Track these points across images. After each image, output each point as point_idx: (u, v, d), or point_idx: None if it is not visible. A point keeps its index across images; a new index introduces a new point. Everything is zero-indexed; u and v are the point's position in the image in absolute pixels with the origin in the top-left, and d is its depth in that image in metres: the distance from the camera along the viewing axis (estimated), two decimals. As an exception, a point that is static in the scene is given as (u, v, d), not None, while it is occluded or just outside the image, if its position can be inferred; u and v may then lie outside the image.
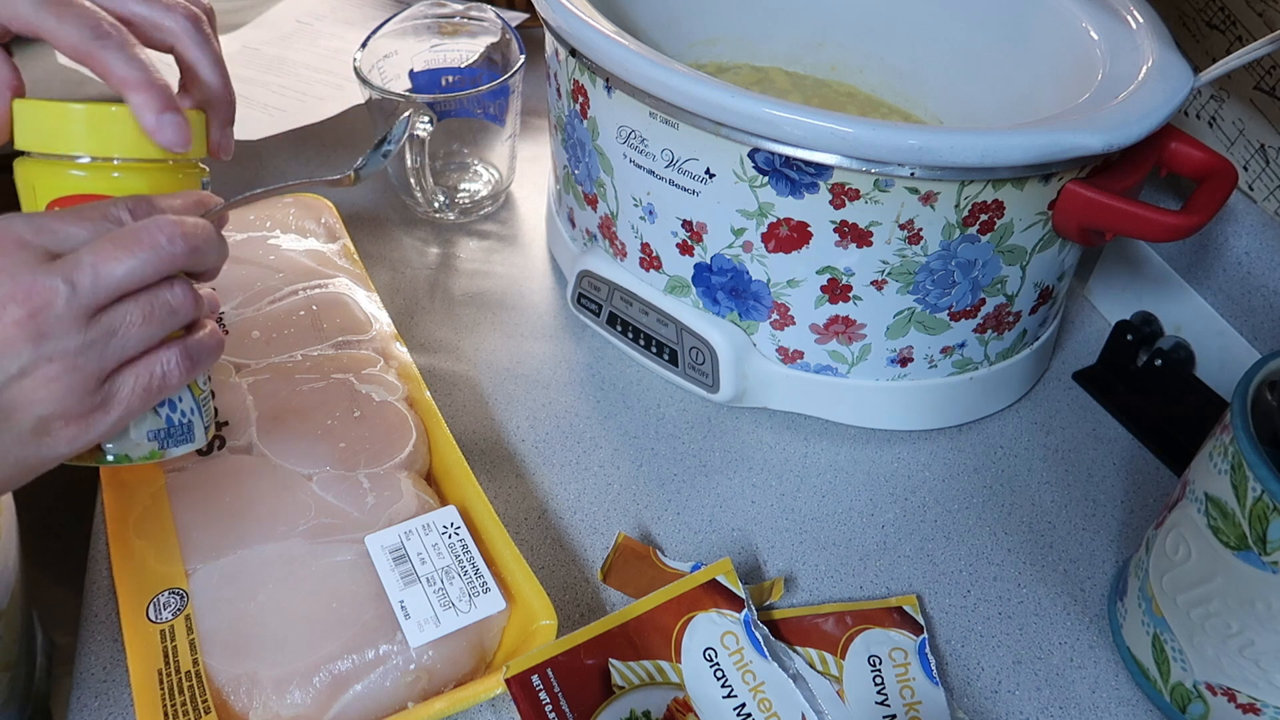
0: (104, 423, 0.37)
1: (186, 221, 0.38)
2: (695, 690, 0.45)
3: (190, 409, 0.43)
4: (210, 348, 0.41)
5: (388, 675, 0.43)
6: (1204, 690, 0.44)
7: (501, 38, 0.73)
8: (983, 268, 0.52)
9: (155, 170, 0.41)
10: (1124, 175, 0.51)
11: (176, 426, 0.43)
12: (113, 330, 0.36)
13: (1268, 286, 0.57)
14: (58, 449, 0.37)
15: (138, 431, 0.42)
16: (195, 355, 0.40)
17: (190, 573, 0.46)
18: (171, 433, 0.43)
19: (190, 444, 0.44)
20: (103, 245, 0.36)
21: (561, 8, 0.54)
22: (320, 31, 0.85)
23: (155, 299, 0.37)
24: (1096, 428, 0.62)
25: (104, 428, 0.37)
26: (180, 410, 0.43)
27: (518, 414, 0.60)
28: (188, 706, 0.41)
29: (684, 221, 0.55)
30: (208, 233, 0.39)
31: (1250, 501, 0.39)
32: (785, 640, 0.48)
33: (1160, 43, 0.53)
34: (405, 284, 0.69)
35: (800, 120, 0.47)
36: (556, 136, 0.63)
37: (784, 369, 0.58)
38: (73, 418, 0.36)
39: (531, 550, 0.53)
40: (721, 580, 0.47)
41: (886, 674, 0.47)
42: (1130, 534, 0.55)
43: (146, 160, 0.41)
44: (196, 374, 0.40)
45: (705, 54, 0.72)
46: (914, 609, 0.50)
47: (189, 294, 0.38)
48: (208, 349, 0.41)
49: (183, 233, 0.37)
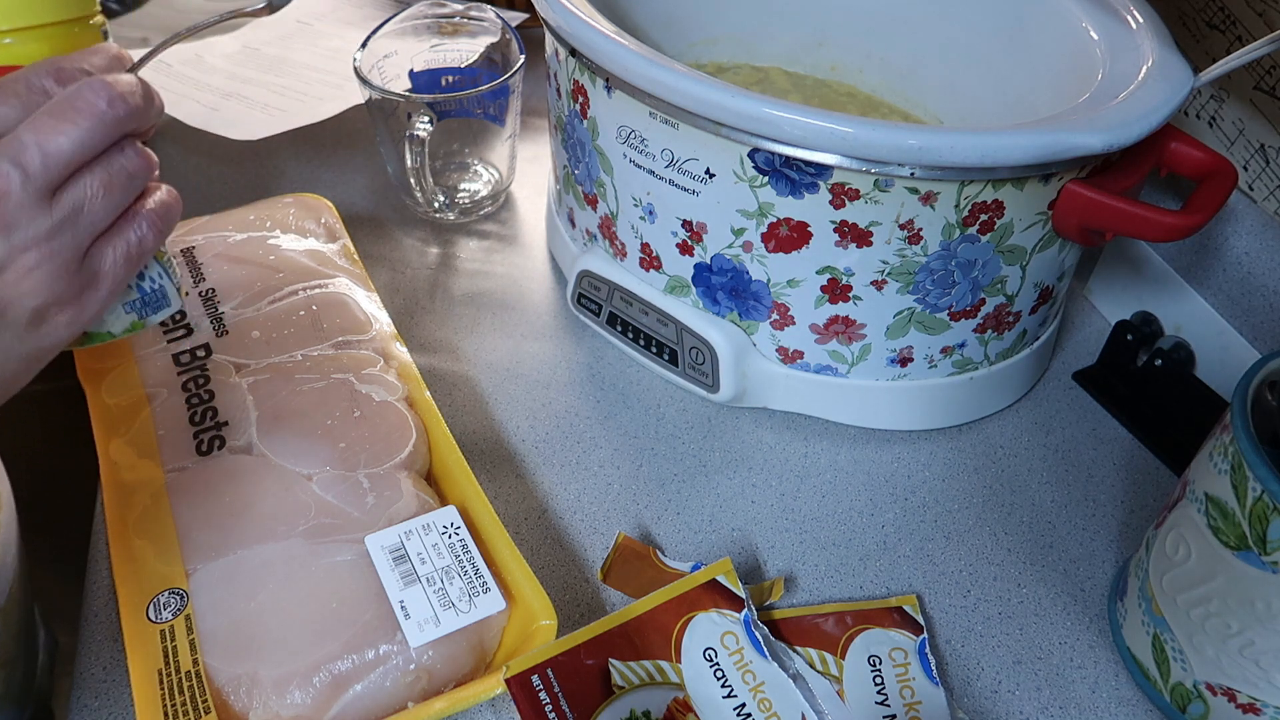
0: (96, 299, 0.37)
1: (120, 80, 0.36)
2: (695, 690, 0.45)
3: (159, 274, 0.43)
4: (173, 205, 0.40)
5: (388, 675, 0.43)
6: (1204, 690, 0.44)
7: (501, 38, 0.73)
8: (983, 268, 0.52)
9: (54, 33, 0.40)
10: (1124, 175, 0.51)
11: (150, 295, 0.43)
12: (78, 207, 0.35)
13: (1268, 286, 0.57)
14: (58, 335, 0.37)
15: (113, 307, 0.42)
16: (164, 215, 0.39)
17: (190, 573, 0.46)
18: (147, 301, 0.43)
19: (168, 308, 0.44)
20: (41, 121, 0.34)
21: (561, 8, 0.54)
22: (320, 31, 0.85)
23: (111, 166, 0.36)
24: (1096, 428, 0.62)
25: (97, 304, 0.37)
26: (149, 278, 0.43)
27: (518, 414, 0.60)
28: (188, 706, 0.41)
29: (684, 221, 0.55)
30: (142, 89, 0.37)
31: (1250, 501, 0.39)
32: (785, 640, 0.48)
33: (1160, 43, 0.53)
34: (405, 284, 0.69)
35: (800, 120, 0.47)
36: (556, 136, 0.63)
37: (784, 369, 0.58)
38: (66, 302, 0.36)
39: (531, 550, 0.53)
40: (721, 580, 0.47)
41: (886, 674, 0.47)
42: (1130, 534, 0.55)
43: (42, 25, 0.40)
44: (169, 233, 0.40)
45: (705, 54, 0.72)
46: (914, 609, 0.50)
47: (141, 155, 0.37)
48: (171, 206, 0.40)
49: (120, 94, 0.36)
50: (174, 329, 0.57)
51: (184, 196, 0.42)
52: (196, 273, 0.60)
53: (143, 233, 0.38)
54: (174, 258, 0.46)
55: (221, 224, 0.64)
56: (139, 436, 0.52)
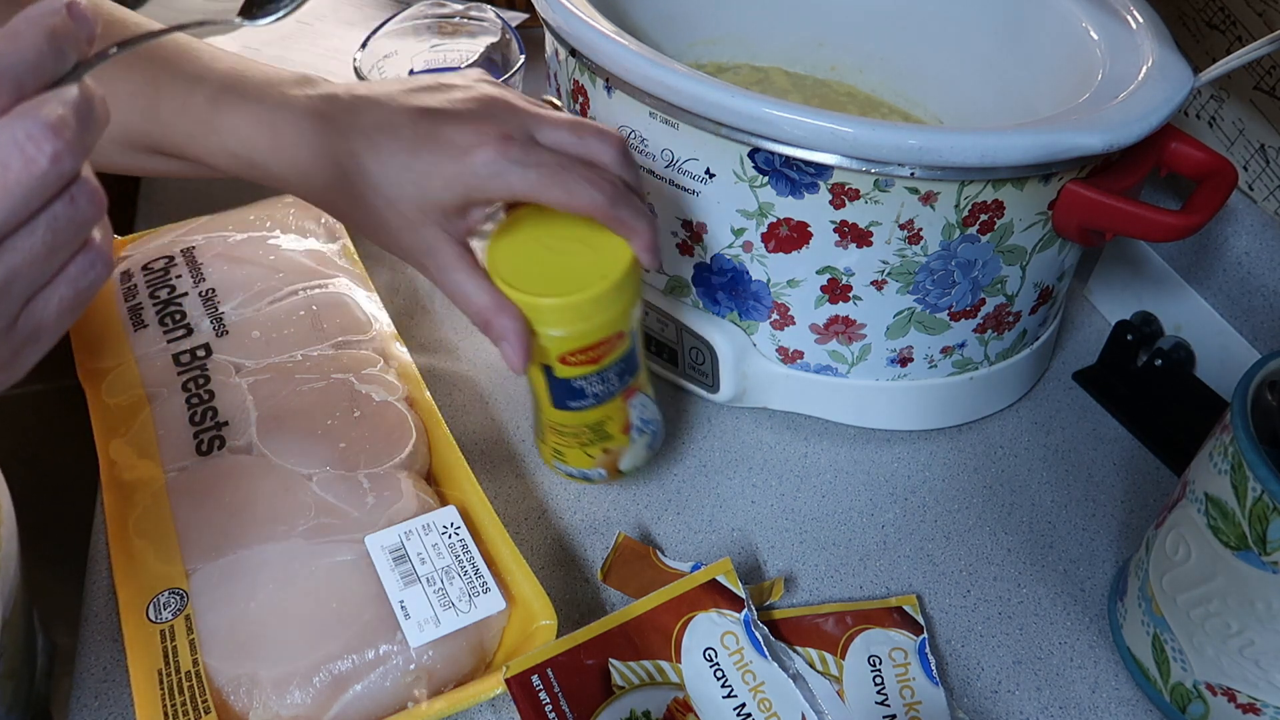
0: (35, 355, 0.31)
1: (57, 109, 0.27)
2: (695, 690, 0.45)
3: (651, 409, 0.51)
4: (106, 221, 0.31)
5: (388, 675, 0.43)
6: (1204, 690, 0.44)
7: (501, 38, 0.73)
8: (983, 268, 0.52)
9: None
10: (1124, 175, 0.51)
11: (656, 426, 0.52)
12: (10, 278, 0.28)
13: (1268, 286, 0.57)
14: None
15: (634, 450, 0.51)
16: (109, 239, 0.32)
17: (190, 573, 0.46)
18: (655, 433, 0.52)
19: (662, 428, 0.53)
20: None
21: (561, 8, 0.54)
22: (320, 31, 0.85)
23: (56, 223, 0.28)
24: (1096, 428, 0.62)
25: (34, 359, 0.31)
26: (650, 420, 0.51)
27: (518, 414, 0.60)
28: (188, 706, 0.41)
29: (684, 221, 0.55)
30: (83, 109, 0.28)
31: (1250, 501, 0.39)
32: (785, 640, 0.48)
33: (1160, 43, 0.53)
34: (405, 284, 0.69)
35: (800, 120, 0.47)
36: (556, 136, 0.63)
37: (784, 369, 0.58)
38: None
39: (531, 550, 0.53)
40: (721, 580, 0.47)
41: (886, 674, 0.47)
42: (1130, 534, 0.55)
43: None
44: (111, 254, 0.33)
45: (705, 54, 0.72)
46: (914, 609, 0.50)
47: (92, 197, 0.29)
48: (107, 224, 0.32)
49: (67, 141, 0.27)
50: (174, 329, 0.57)
51: (184, 196, 0.42)
52: (196, 273, 0.60)
53: (95, 274, 0.31)
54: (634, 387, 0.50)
55: (221, 224, 0.64)
56: (139, 436, 0.52)
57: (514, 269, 0.44)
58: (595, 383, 0.46)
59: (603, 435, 0.49)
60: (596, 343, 0.45)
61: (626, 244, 0.44)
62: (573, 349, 0.45)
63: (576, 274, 0.44)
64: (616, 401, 0.48)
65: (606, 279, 0.43)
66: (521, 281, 0.43)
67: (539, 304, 0.43)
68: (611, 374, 0.47)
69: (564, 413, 0.48)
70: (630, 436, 0.50)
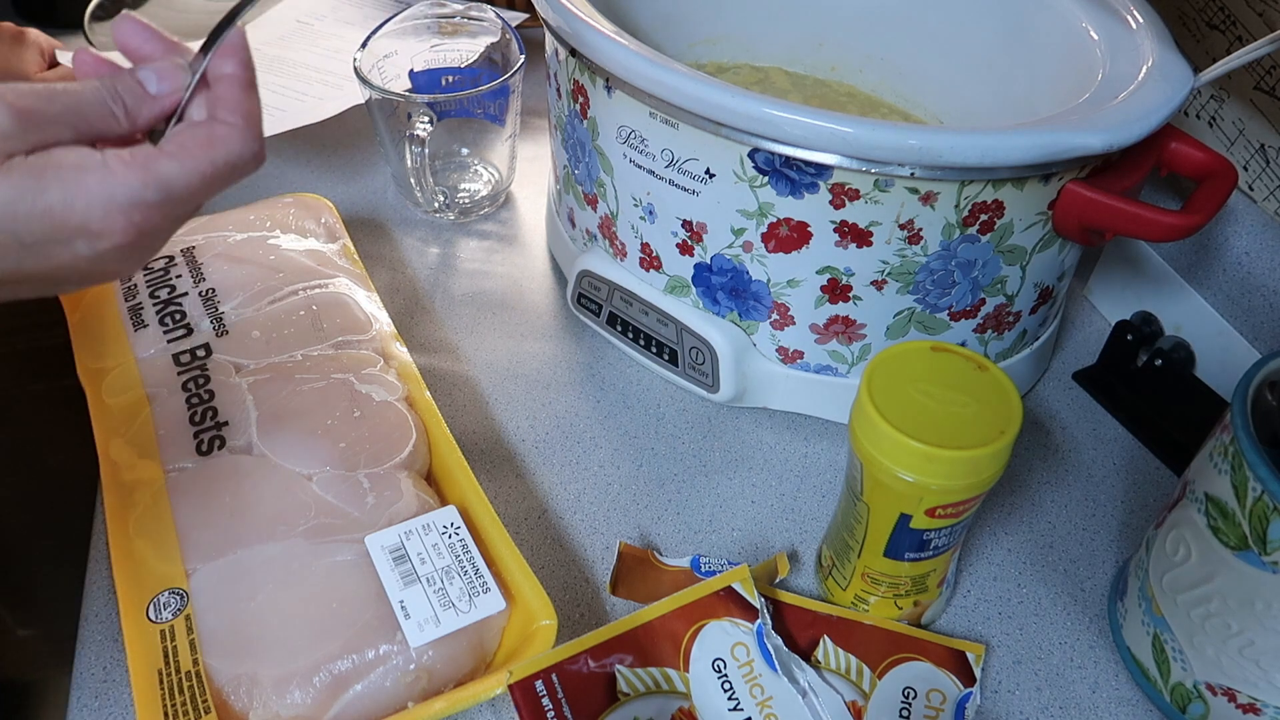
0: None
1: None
2: (701, 701, 0.44)
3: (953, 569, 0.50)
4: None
5: (388, 675, 0.43)
6: (1204, 690, 0.44)
7: (501, 38, 0.73)
8: (983, 268, 0.52)
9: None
10: (1124, 175, 0.51)
11: (954, 585, 0.52)
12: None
13: (1268, 286, 0.57)
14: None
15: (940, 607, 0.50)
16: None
17: (190, 573, 0.46)
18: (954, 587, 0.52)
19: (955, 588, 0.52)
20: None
21: (561, 8, 0.54)
22: (320, 31, 0.85)
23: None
24: (1096, 428, 0.62)
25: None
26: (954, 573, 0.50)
27: (518, 414, 0.60)
28: (188, 706, 0.41)
29: (684, 221, 0.55)
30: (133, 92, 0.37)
31: (1250, 501, 0.39)
32: (830, 637, 0.47)
33: (1160, 43, 0.53)
34: (405, 284, 0.69)
35: (800, 120, 0.47)
36: (556, 136, 0.63)
37: (784, 369, 0.58)
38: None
39: (531, 550, 0.53)
40: (738, 588, 0.46)
41: (916, 712, 0.45)
42: (1130, 534, 0.55)
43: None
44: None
45: (705, 54, 0.72)
46: (977, 659, 0.48)
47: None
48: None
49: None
50: (174, 329, 0.57)
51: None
52: (196, 272, 0.60)
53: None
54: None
55: (221, 224, 0.64)
56: (139, 436, 0.52)
57: (903, 417, 0.42)
58: (945, 535, 0.45)
59: (921, 588, 0.48)
60: (974, 497, 0.43)
61: (1012, 395, 0.42)
62: (948, 502, 0.43)
63: (969, 427, 0.42)
64: (948, 554, 0.47)
65: (1005, 435, 0.41)
66: (916, 431, 0.41)
67: (938, 455, 0.41)
68: (961, 527, 0.45)
69: (896, 563, 0.46)
70: (942, 590, 0.49)
